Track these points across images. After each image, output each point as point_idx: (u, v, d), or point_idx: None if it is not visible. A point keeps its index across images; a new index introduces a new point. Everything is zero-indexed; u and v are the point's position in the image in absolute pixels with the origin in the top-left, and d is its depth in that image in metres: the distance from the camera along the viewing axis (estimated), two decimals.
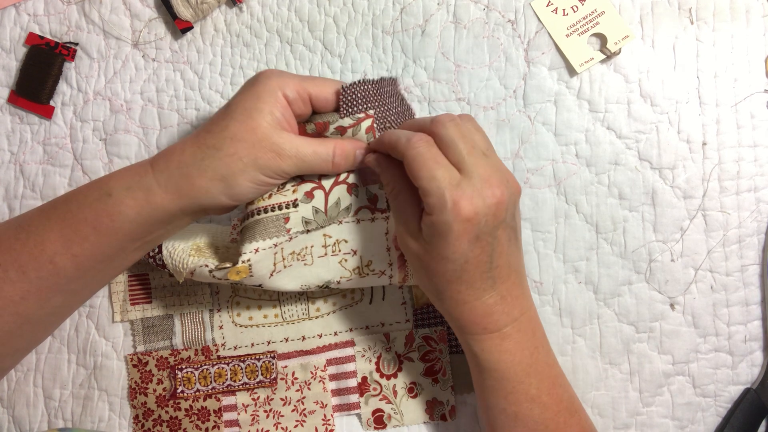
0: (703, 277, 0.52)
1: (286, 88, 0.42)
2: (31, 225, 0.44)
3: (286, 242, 0.46)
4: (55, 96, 0.56)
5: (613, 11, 0.53)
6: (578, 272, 0.53)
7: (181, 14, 0.54)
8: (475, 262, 0.40)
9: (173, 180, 0.42)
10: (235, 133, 0.41)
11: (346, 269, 0.48)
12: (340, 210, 0.46)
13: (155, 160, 0.43)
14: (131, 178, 0.43)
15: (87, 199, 0.43)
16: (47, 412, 0.54)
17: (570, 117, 0.53)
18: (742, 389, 0.52)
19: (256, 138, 0.41)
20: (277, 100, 0.42)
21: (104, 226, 0.43)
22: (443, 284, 0.42)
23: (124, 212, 0.42)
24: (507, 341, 0.43)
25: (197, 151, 0.42)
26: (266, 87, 0.42)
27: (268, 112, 0.41)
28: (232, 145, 0.41)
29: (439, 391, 0.53)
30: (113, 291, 0.54)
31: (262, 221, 0.45)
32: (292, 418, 0.53)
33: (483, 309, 0.42)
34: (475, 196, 0.38)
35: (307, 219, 0.46)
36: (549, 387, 0.44)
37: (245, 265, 0.44)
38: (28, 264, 0.43)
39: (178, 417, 0.53)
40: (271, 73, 0.43)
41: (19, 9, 0.56)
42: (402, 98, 0.49)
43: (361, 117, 0.45)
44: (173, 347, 0.54)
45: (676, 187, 0.53)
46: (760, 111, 0.52)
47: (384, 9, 0.55)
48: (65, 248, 0.43)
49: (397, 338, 0.53)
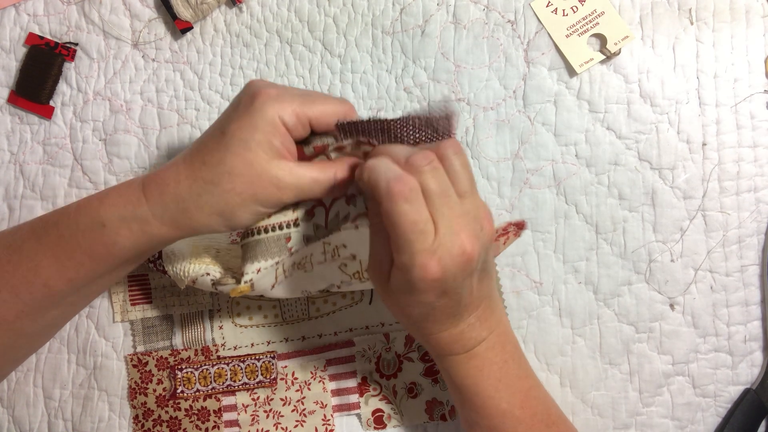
0: (702, 277, 0.52)
1: (284, 114, 0.39)
2: (23, 248, 0.43)
3: (287, 257, 0.46)
4: (55, 96, 0.56)
5: (612, 12, 0.53)
6: (578, 272, 0.53)
7: (180, 14, 0.54)
8: (442, 308, 0.39)
9: (169, 213, 0.41)
10: (232, 167, 0.39)
11: (346, 274, 0.47)
12: (339, 220, 0.46)
13: (148, 188, 0.41)
14: (124, 208, 0.41)
15: (79, 226, 0.42)
16: (47, 412, 0.54)
17: (570, 117, 0.53)
18: (741, 389, 0.52)
19: (254, 172, 0.39)
20: (276, 128, 0.39)
21: (99, 254, 0.42)
22: (409, 322, 0.41)
23: (120, 242, 0.41)
24: (475, 359, 0.42)
25: (193, 185, 0.40)
26: (263, 115, 0.39)
27: (266, 143, 0.39)
28: (230, 180, 0.39)
29: (439, 391, 0.53)
30: (113, 291, 0.54)
31: (263, 241, 0.45)
32: (292, 418, 0.53)
33: (450, 338, 0.41)
34: (445, 255, 0.36)
35: (308, 236, 0.45)
36: (521, 400, 0.44)
37: (247, 285, 0.44)
38: (21, 287, 0.42)
39: (178, 417, 0.53)
40: (267, 97, 0.40)
41: (19, 9, 0.56)
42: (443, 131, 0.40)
43: (363, 141, 0.42)
44: (173, 347, 0.54)
45: (676, 188, 0.53)
46: (760, 111, 0.52)
47: (384, 9, 0.55)
48: (60, 273, 0.42)
49: (397, 338, 0.53)
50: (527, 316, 0.53)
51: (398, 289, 0.38)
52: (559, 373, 0.53)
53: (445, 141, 0.39)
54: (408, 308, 0.40)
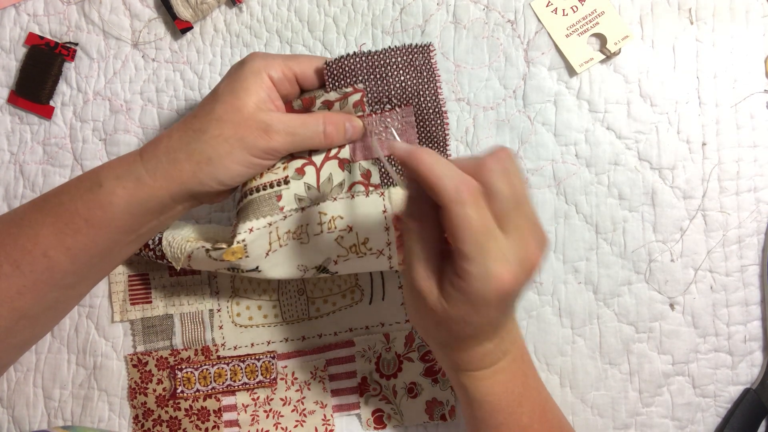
0: (702, 277, 0.52)
1: (270, 69, 0.42)
2: (23, 219, 0.43)
3: (281, 221, 0.45)
4: (55, 96, 0.56)
5: (612, 11, 0.53)
6: (578, 272, 0.53)
7: (180, 14, 0.54)
8: (494, 322, 0.38)
9: (161, 166, 0.42)
10: (221, 114, 0.41)
11: (343, 247, 0.46)
12: (333, 186, 0.46)
13: (144, 148, 0.43)
14: (121, 168, 0.42)
15: (78, 190, 0.43)
16: (47, 413, 0.54)
17: (570, 117, 0.53)
18: (741, 389, 0.52)
19: (242, 117, 0.41)
20: (263, 81, 0.42)
21: (96, 218, 0.42)
22: (449, 337, 0.39)
23: (115, 202, 0.42)
24: (500, 374, 0.41)
25: (183, 135, 0.42)
26: (251, 68, 0.42)
27: (253, 92, 0.41)
28: (218, 126, 0.41)
29: (439, 391, 0.53)
30: (113, 291, 0.54)
31: (254, 201, 0.45)
32: (292, 418, 0.53)
33: (483, 352, 0.40)
34: (517, 267, 0.35)
35: (299, 196, 0.45)
36: (540, 414, 0.43)
37: (240, 246, 0.44)
38: (22, 258, 0.42)
39: (177, 417, 0.53)
40: (255, 55, 0.43)
41: (19, 9, 0.56)
42: (424, 70, 0.45)
43: (348, 91, 0.44)
44: (173, 347, 0.54)
45: (676, 188, 0.53)
46: (759, 111, 0.52)
47: (384, 9, 0.55)
48: (58, 241, 0.42)
49: (396, 338, 0.53)
50: (527, 316, 0.53)
51: (456, 300, 0.36)
52: (559, 373, 0.53)
53: (498, 147, 0.36)
54: (456, 324, 0.37)
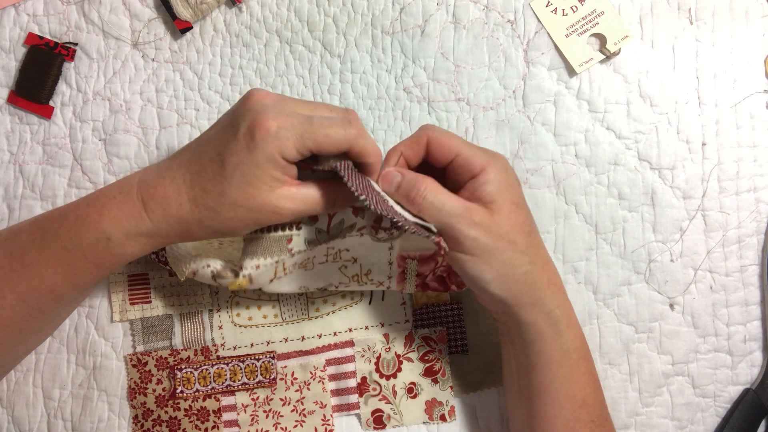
0: (702, 277, 0.52)
1: (286, 151, 0.39)
2: (26, 257, 0.44)
3: (288, 257, 0.46)
4: (55, 96, 0.56)
5: (612, 11, 0.53)
6: (578, 272, 0.53)
7: (180, 14, 0.54)
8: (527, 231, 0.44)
9: (174, 231, 0.42)
10: (234, 199, 0.40)
11: (345, 275, 0.48)
12: (343, 228, 0.46)
13: (148, 205, 0.42)
14: (128, 223, 0.42)
15: (83, 240, 0.43)
16: (47, 413, 0.54)
17: (569, 117, 0.53)
18: (741, 389, 0.52)
19: (256, 204, 0.40)
20: (276, 164, 0.39)
21: (107, 262, 0.44)
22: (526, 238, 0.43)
23: (128, 252, 0.43)
24: (571, 313, 0.45)
25: (195, 210, 0.41)
26: (263, 153, 0.39)
27: (267, 177, 0.40)
28: (232, 209, 0.41)
29: (439, 391, 0.53)
30: (113, 291, 0.54)
31: (264, 240, 0.45)
32: (292, 419, 0.53)
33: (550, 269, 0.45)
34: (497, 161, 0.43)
35: (309, 240, 0.46)
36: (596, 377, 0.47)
37: (245, 279, 0.45)
38: (28, 293, 0.44)
39: (177, 417, 0.53)
40: (266, 133, 0.39)
41: (19, 9, 0.56)
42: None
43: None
44: (173, 347, 0.54)
45: (676, 188, 0.53)
46: (759, 111, 0.52)
47: (383, 9, 0.55)
48: (66, 280, 0.44)
49: (396, 338, 0.53)
50: None
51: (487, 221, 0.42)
52: None
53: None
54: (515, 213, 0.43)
